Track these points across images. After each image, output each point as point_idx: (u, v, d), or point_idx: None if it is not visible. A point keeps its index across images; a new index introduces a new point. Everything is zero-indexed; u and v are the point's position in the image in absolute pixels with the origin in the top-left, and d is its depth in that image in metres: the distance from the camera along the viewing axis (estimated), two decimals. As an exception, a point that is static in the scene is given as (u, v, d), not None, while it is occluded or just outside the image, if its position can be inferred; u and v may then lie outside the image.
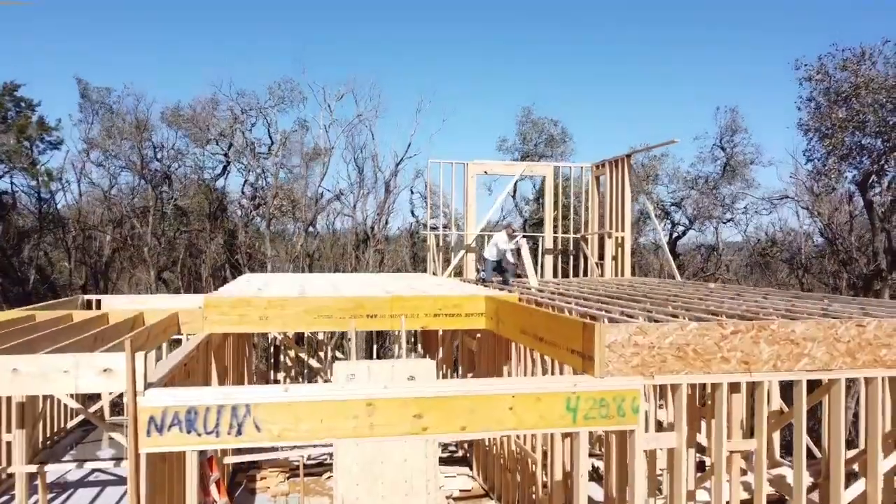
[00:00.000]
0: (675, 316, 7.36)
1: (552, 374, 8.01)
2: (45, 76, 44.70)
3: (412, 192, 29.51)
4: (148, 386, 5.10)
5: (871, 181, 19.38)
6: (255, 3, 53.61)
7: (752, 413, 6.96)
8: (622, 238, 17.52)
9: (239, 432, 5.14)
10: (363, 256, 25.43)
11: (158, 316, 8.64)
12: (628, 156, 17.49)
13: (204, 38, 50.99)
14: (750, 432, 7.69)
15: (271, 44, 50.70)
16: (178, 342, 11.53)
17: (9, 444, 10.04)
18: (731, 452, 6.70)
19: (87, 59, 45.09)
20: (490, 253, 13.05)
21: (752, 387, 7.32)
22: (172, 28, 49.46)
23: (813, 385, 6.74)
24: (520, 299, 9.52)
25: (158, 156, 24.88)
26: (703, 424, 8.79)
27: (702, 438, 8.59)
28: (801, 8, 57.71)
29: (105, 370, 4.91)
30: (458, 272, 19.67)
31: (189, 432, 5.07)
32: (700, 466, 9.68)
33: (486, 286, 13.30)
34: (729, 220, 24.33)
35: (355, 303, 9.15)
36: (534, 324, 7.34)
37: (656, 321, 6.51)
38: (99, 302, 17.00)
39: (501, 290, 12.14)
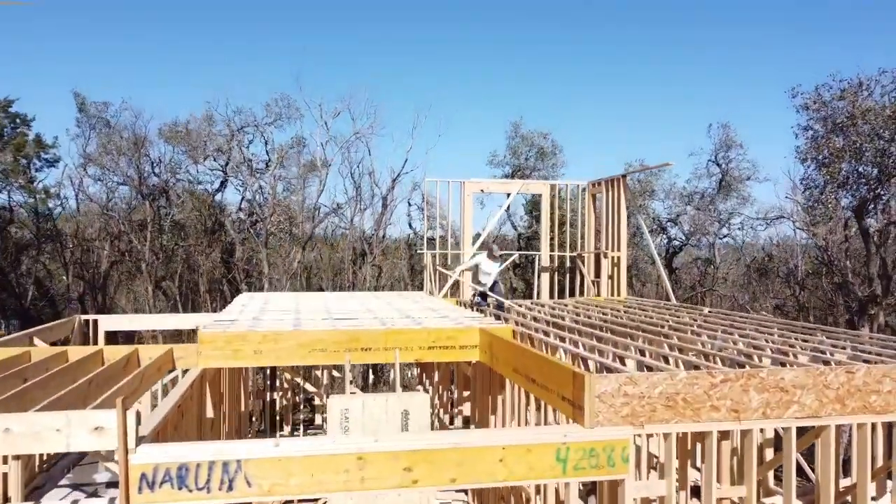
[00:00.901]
0: (667, 360, 7.41)
1: (543, 414, 8.06)
2: (40, 90, 44.68)
3: (409, 205, 29.64)
4: (140, 441, 5.14)
5: (867, 207, 19.48)
6: (254, 15, 53.67)
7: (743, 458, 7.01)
8: (618, 258, 17.58)
9: (230, 488, 5.18)
10: (360, 272, 25.48)
11: (153, 352, 8.67)
12: (624, 176, 17.56)
13: (201, 53, 51.09)
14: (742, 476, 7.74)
15: (269, 59, 50.78)
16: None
17: (5, 474, 10.06)
18: (720, 500, 6.75)
19: (83, 72, 45.11)
20: (480, 281, 13.17)
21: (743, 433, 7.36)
22: (170, 42, 49.49)
23: (803, 430, 6.79)
24: (514, 332, 9.57)
25: (156, 170, 25.01)
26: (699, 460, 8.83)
27: (698, 475, 8.63)
28: (797, 28, 57.82)
29: (97, 428, 4.95)
30: (456, 286, 19.73)
31: (181, 488, 5.11)
32: None
33: (480, 309, 13.37)
34: (725, 237, 24.44)
35: (350, 336, 9.20)
36: (526, 365, 7.39)
37: (648, 368, 6.56)
38: (96, 322, 17.07)
39: (497, 315, 12.19)
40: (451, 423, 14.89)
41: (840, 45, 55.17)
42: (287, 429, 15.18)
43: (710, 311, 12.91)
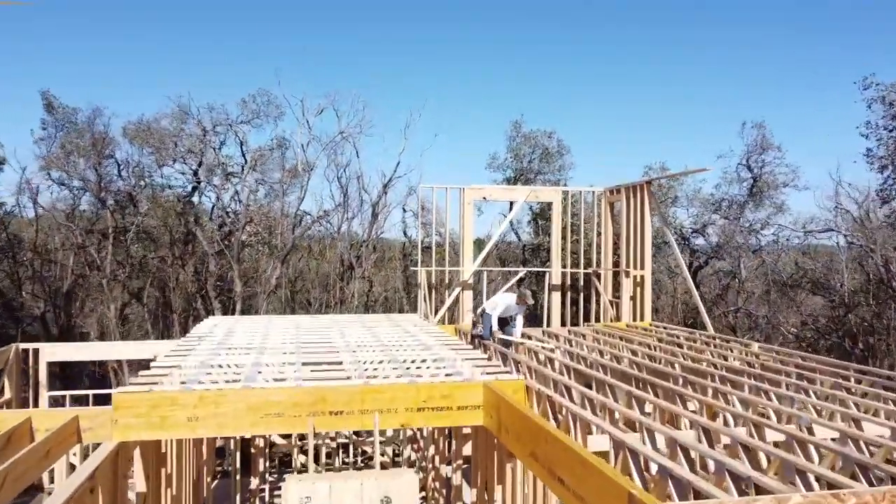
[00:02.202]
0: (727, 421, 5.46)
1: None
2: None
3: (404, 211, 27.68)
4: None
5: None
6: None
7: None
8: (641, 277, 15.66)
9: None
10: (347, 288, 23.51)
11: (52, 421, 6.73)
12: (648, 182, 15.65)
13: (167, 46, 48.78)
14: None
15: (246, 53, 48.75)
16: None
17: None
18: None
19: (48, 72, 42.93)
20: (492, 308, 11.27)
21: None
22: (133, 37, 47.20)
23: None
24: (527, 388, 7.65)
25: (123, 174, 23.05)
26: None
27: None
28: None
29: None
30: (454, 306, 17.83)
31: None
32: None
33: (483, 344, 11.46)
34: (758, 250, 22.38)
35: (315, 396, 7.27)
36: (549, 454, 5.46)
37: (732, 474, 4.63)
38: (37, 352, 15.10)
39: (503, 353, 10.28)
40: None
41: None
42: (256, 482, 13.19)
43: (759, 347, 11.00)
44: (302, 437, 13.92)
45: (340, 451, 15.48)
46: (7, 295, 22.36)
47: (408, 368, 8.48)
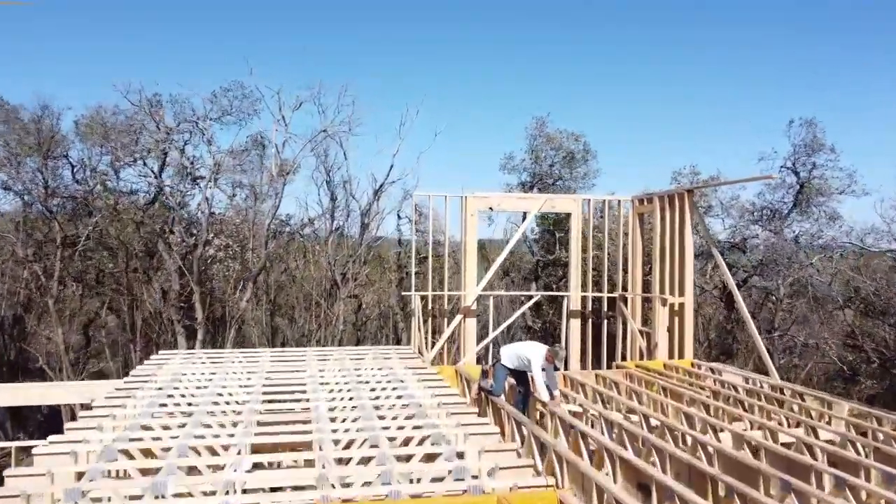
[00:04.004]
0: None
1: None
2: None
3: (399, 218, 25.42)
4: None
5: None
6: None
7: None
8: (681, 305, 13.47)
9: None
10: (332, 311, 21.23)
11: None
12: (690, 191, 13.47)
13: (124, 34, 46.22)
14: None
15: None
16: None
17: None
18: None
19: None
20: (510, 359, 9.13)
21: None
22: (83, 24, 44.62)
23: None
24: (560, 502, 5.49)
25: (79, 177, 20.82)
26: None
27: None
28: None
29: None
30: (453, 337, 15.68)
31: None
32: None
33: (490, 397, 9.33)
34: (809, 265, 20.04)
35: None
36: None
37: None
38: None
39: (518, 421, 8.13)
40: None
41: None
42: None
43: (852, 408, 8.85)
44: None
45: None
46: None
47: (396, 458, 6.32)
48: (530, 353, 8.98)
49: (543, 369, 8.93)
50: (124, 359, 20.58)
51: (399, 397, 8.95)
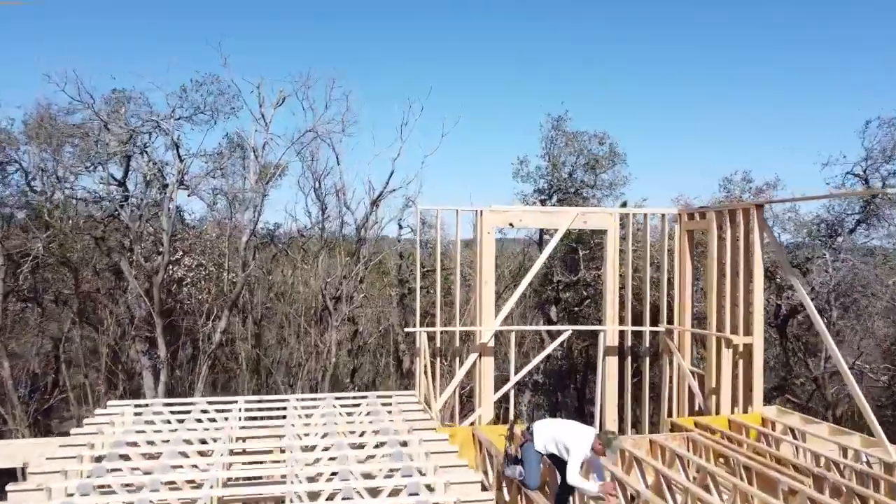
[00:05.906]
0: None
1: None
2: None
3: (401, 227, 23.19)
4: None
5: None
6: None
7: None
8: (748, 346, 11.29)
9: None
10: (323, 340, 19.01)
11: None
12: (759, 205, 11.27)
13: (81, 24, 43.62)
14: None
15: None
16: None
17: None
18: None
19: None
20: (544, 444, 6.99)
21: None
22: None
23: None
24: None
25: (33, 185, 18.67)
26: None
27: None
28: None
29: None
30: (468, 377, 13.50)
31: None
32: None
33: (517, 480, 7.25)
34: (886, 294, 17.81)
35: None
36: None
37: None
38: None
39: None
40: None
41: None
42: None
43: None
44: None
45: None
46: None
47: None
48: (572, 439, 6.85)
49: (582, 464, 6.84)
50: (84, 395, 18.36)
51: (402, 476, 7.00)
